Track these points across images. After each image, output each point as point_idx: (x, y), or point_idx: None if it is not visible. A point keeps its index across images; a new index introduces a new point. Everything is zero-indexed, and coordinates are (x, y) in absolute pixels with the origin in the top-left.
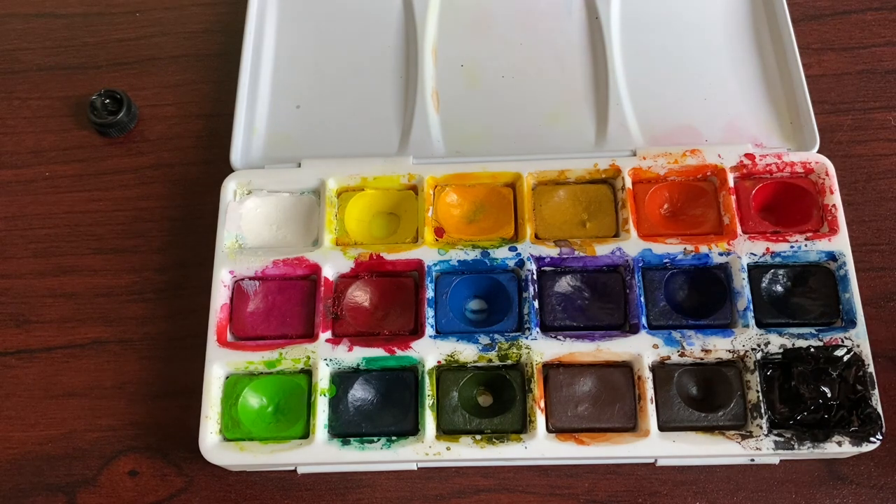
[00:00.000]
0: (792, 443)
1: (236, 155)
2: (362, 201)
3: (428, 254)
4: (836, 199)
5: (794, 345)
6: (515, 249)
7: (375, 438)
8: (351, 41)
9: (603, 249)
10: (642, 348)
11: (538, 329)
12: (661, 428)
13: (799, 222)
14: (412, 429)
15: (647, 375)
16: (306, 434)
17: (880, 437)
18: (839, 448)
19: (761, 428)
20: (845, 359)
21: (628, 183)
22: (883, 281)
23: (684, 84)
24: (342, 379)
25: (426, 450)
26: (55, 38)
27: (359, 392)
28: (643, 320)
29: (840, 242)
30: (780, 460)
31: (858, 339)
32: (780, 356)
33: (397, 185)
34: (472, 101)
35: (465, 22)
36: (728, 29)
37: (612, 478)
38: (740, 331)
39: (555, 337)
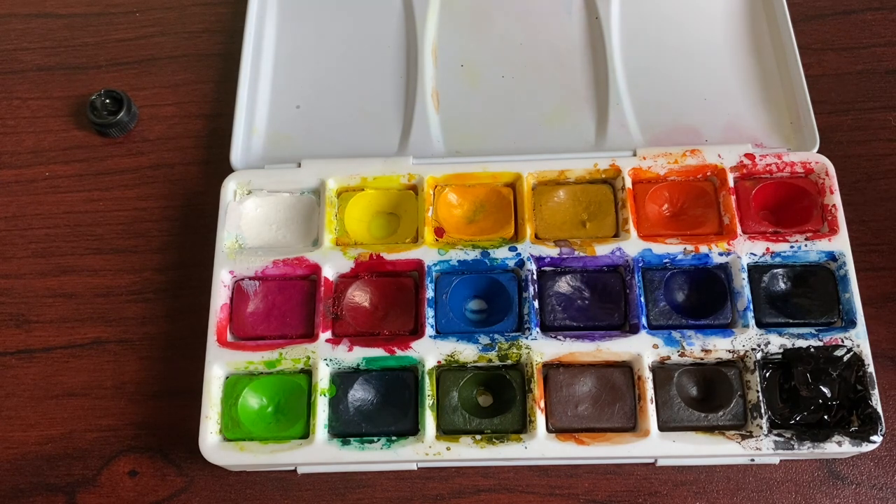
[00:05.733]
0: (792, 443)
1: (236, 155)
2: (362, 201)
3: (428, 254)
4: (836, 199)
5: (794, 345)
6: (515, 249)
7: (375, 438)
8: (351, 41)
9: (603, 249)
10: (642, 348)
11: (538, 329)
12: (661, 428)
13: (799, 222)
14: (412, 429)
15: (647, 375)
16: (306, 434)
17: (880, 437)
18: (839, 448)
19: (761, 428)
20: (845, 359)
21: (628, 183)
22: (883, 281)
23: (684, 84)
24: (342, 379)
25: (426, 450)
26: (55, 38)
27: (359, 392)
28: (643, 320)
29: (840, 242)
30: (780, 460)
31: (858, 339)
32: (780, 356)
33: (397, 185)
34: (472, 101)
35: (465, 22)
36: (728, 29)
37: (612, 478)
38: (740, 331)
39: (555, 337)
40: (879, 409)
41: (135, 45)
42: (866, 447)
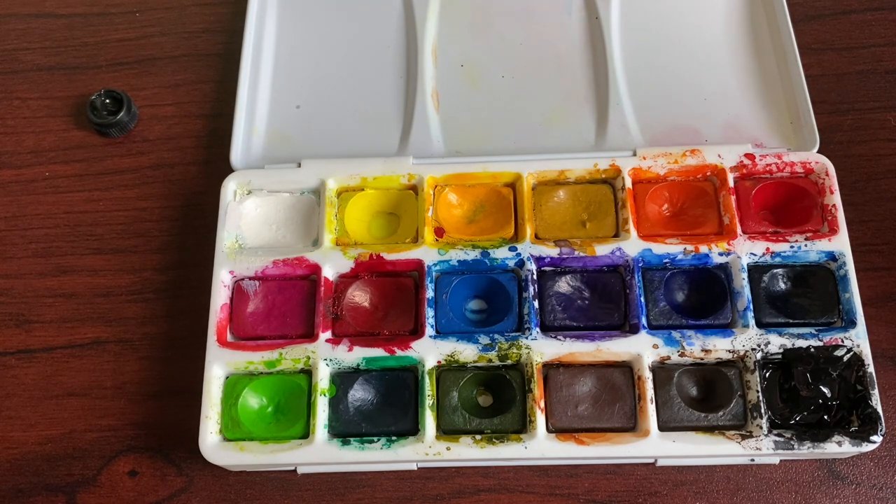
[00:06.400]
0: (792, 443)
1: (236, 155)
2: (362, 201)
3: (428, 254)
4: (836, 199)
5: (794, 345)
6: (515, 249)
7: (375, 438)
8: (351, 41)
9: (603, 249)
10: (642, 348)
11: (538, 329)
12: (661, 428)
13: (799, 222)
14: (412, 429)
15: (647, 375)
16: (306, 434)
17: (880, 437)
18: (839, 448)
19: (761, 428)
20: (845, 359)
21: (628, 183)
22: (883, 281)
23: (684, 84)
24: (342, 379)
25: (426, 450)
26: (55, 38)
27: (359, 392)
28: (643, 320)
29: (840, 242)
30: (780, 460)
31: (858, 339)
32: (780, 356)
33: (397, 185)
34: (472, 101)
35: (465, 22)
36: (728, 29)
37: (612, 478)
38: (740, 331)
39: (555, 337)
40: (879, 409)
41: (135, 45)
42: (866, 447)
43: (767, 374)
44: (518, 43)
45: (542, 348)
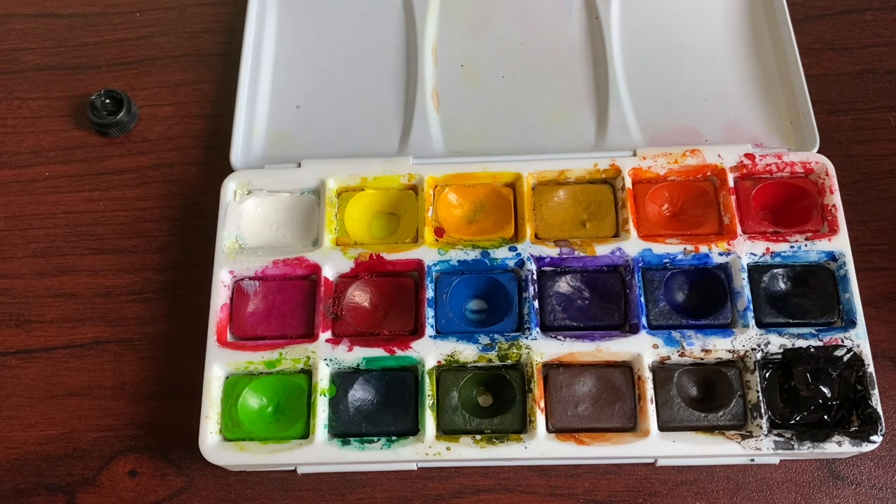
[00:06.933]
0: (792, 443)
1: (236, 155)
2: (362, 201)
3: (428, 254)
4: (836, 199)
5: (794, 345)
6: (515, 249)
7: (375, 438)
8: (351, 41)
9: (603, 249)
10: (642, 348)
11: (538, 329)
12: (661, 428)
13: (799, 222)
14: (412, 429)
15: (647, 375)
16: (306, 434)
17: (880, 437)
18: (839, 448)
19: (761, 428)
20: (845, 359)
21: (628, 183)
22: (883, 281)
23: (684, 84)
24: (342, 379)
25: (426, 450)
26: (55, 38)
27: (359, 392)
28: (643, 320)
29: (840, 242)
30: (780, 460)
31: (858, 339)
32: (780, 356)
33: (397, 185)
34: (472, 101)
35: (465, 22)
36: (728, 29)
37: (612, 478)
38: (740, 331)
39: (555, 337)
40: (879, 409)
41: (135, 45)
42: (866, 447)
43: (767, 374)
44: (518, 43)
45: (542, 348)
